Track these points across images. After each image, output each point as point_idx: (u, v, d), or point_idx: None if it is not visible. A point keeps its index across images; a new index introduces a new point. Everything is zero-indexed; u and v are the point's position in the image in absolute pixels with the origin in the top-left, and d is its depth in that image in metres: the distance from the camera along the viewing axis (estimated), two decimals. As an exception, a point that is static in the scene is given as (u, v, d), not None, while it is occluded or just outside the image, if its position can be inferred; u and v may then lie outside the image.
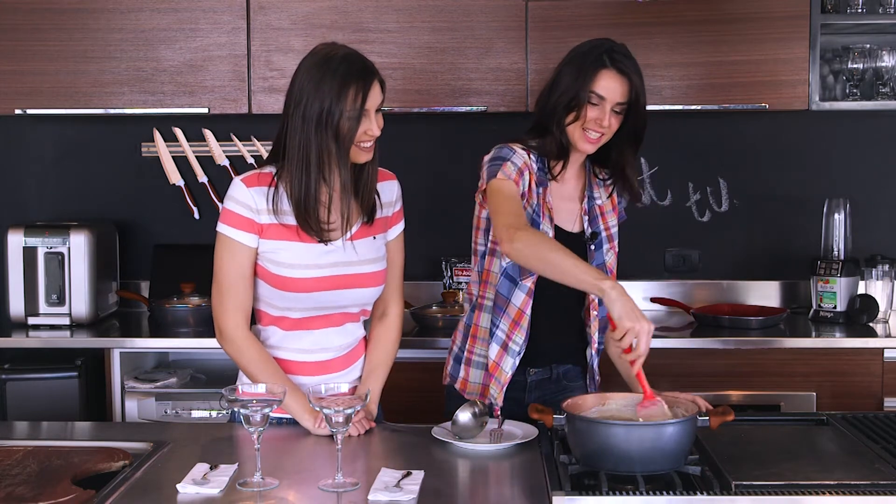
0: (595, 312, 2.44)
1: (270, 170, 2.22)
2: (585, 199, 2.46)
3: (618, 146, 2.40)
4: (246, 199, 2.19)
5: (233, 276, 2.21)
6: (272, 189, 2.19)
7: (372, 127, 2.16)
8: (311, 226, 2.18)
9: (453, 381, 2.50)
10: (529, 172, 2.33)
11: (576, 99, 2.31)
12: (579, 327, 2.49)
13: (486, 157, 2.37)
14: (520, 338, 2.36)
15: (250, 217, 2.19)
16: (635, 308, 2.00)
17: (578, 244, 2.40)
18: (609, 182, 2.49)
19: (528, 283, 2.35)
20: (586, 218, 2.45)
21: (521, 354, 2.38)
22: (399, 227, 2.40)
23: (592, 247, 2.44)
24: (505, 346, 2.37)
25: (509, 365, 2.37)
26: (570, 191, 2.46)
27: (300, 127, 2.14)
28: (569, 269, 2.08)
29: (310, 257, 2.21)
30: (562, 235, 2.37)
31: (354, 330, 2.33)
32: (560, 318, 2.45)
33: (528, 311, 2.36)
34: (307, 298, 2.22)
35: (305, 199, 2.16)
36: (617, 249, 2.52)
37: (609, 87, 2.30)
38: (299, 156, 2.15)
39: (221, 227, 2.21)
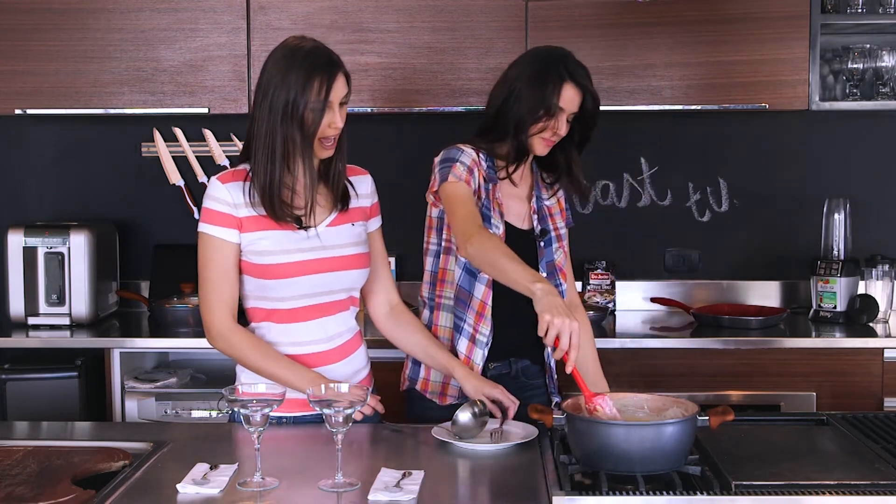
0: None
1: (245, 167, 2.26)
2: (534, 199, 2.55)
3: (564, 149, 2.51)
4: (223, 195, 2.22)
5: (216, 274, 2.23)
6: (247, 183, 2.23)
7: (335, 119, 2.20)
8: (276, 212, 2.21)
9: (413, 383, 2.53)
10: (479, 169, 2.43)
11: (543, 111, 2.40)
12: (534, 323, 2.52)
13: (436, 159, 2.47)
14: (486, 329, 2.44)
15: (229, 212, 2.22)
16: (561, 307, 2.07)
17: (528, 241, 2.51)
18: (554, 183, 2.58)
19: (487, 275, 2.42)
20: (535, 217, 2.54)
21: (489, 345, 2.44)
22: (378, 221, 2.45)
23: (542, 244, 2.52)
24: (473, 339, 2.44)
25: (479, 357, 2.44)
26: (520, 191, 2.55)
27: (266, 118, 2.19)
28: (509, 272, 2.18)
29: (290, 243, 2.24)
30: (512, 232, 2.47)
31: (347, 319, 2.35)
32: (516, 309, 2.49)
33: (490, 302, 2.44)
34: (292, 284, 2.24)
35: (270, 187, 2.19)
36: (567, 250, 2.62)
37: (568, 98, 2.42)
38: (265, 145, 2.19)
39: (203, 227, 2.25)
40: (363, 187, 2.40)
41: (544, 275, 2.49)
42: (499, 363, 2.50)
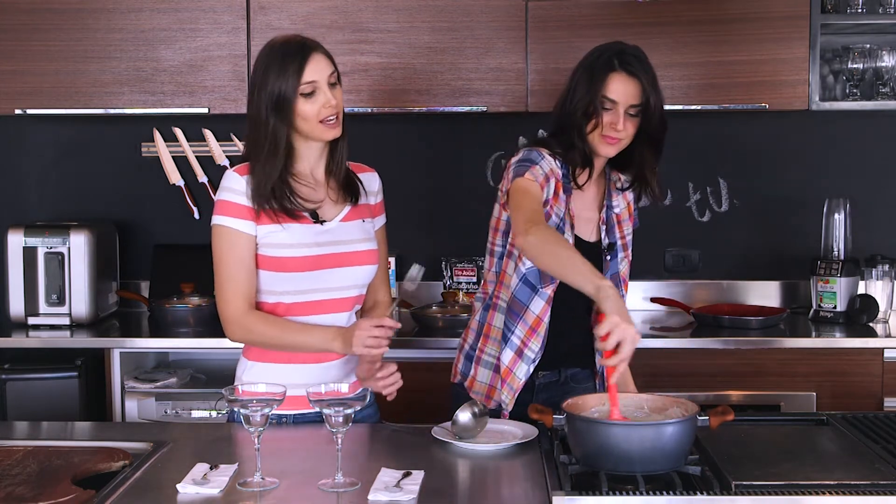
0: None
1: None
2: (604, 209, 2.46)
3: (638, 150, 2.40)
4: (241, 186, 2.22)
5: (231, 265, 2.22)
6: None
7: (329, 98, 2.19)
8: (276, 208, 2.20)
9: (464, 378, 2.50)
10: (556, 180, 2.33)
11: (592, 106, 2.30)
12: (588, 331, 2.49)
13: (513, 159, 2.35)
14: (536, 345, 2.37)
15: (248, 204, 2.21)
16: (628, 313, 1.99)
17: (595, 254, 2.40)
18: (628, 188, 2.49)
19: (549, 290, 2.35)
20: (604, 228, 2.45)
21: (537, 362, 2.38)
22: (382, 219, 2.44)
23: (608, 257, 2.44)
24: (520, 353, 2.38)
25: (523, 371, 2.38)
26: (590, 200, 2.46)
27: (257, 117, 2.20)
28: (570, 266, 2.08)
29: (306, 237, 2.24)
30: (580, 245, 2.37)
31: (350, 317, 2.34)
32: (571, 322, 2.45)
33: (546, 319, 2.36)
34: (304, 278, 2.23)
35: (269, 185, 2.19)
36: (630, 257, 2.53)
37: (619, 89, 2.29)
38: (259, 144, 2.20)
39: (218, 220, 2.23)
40: (370, 185, 2.40)
41: None
42: (548, 372, 2.46)
